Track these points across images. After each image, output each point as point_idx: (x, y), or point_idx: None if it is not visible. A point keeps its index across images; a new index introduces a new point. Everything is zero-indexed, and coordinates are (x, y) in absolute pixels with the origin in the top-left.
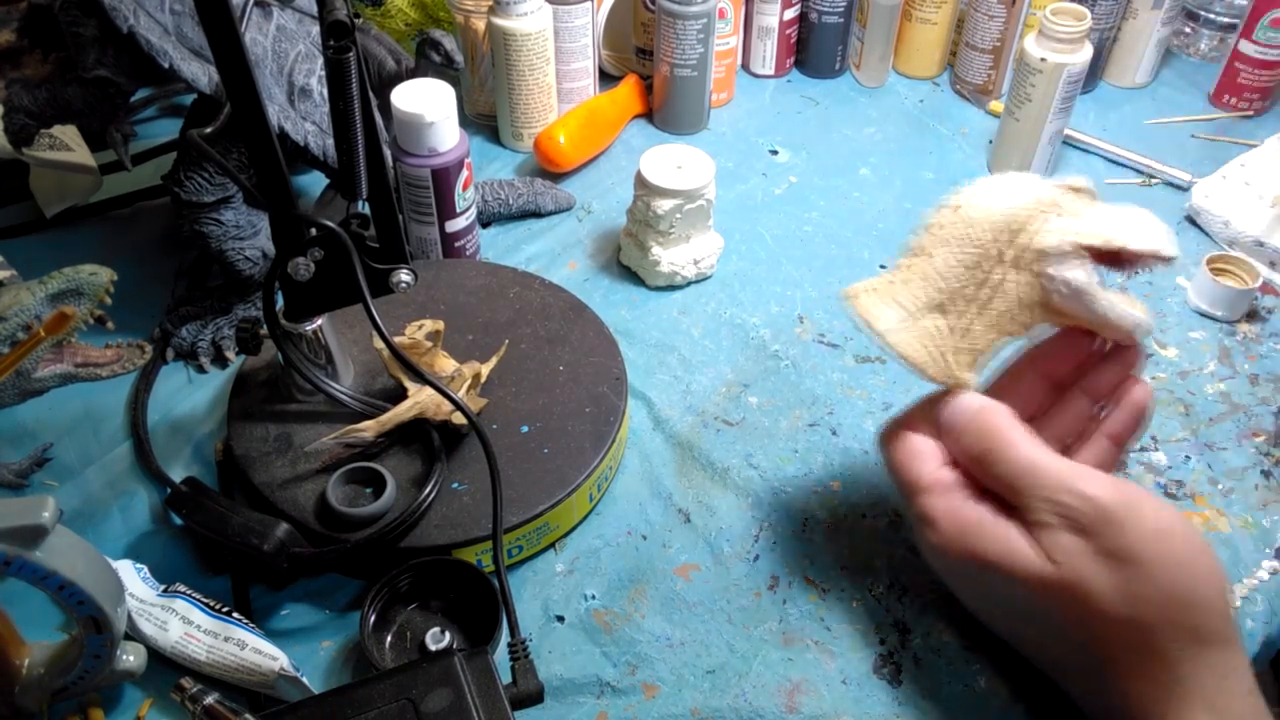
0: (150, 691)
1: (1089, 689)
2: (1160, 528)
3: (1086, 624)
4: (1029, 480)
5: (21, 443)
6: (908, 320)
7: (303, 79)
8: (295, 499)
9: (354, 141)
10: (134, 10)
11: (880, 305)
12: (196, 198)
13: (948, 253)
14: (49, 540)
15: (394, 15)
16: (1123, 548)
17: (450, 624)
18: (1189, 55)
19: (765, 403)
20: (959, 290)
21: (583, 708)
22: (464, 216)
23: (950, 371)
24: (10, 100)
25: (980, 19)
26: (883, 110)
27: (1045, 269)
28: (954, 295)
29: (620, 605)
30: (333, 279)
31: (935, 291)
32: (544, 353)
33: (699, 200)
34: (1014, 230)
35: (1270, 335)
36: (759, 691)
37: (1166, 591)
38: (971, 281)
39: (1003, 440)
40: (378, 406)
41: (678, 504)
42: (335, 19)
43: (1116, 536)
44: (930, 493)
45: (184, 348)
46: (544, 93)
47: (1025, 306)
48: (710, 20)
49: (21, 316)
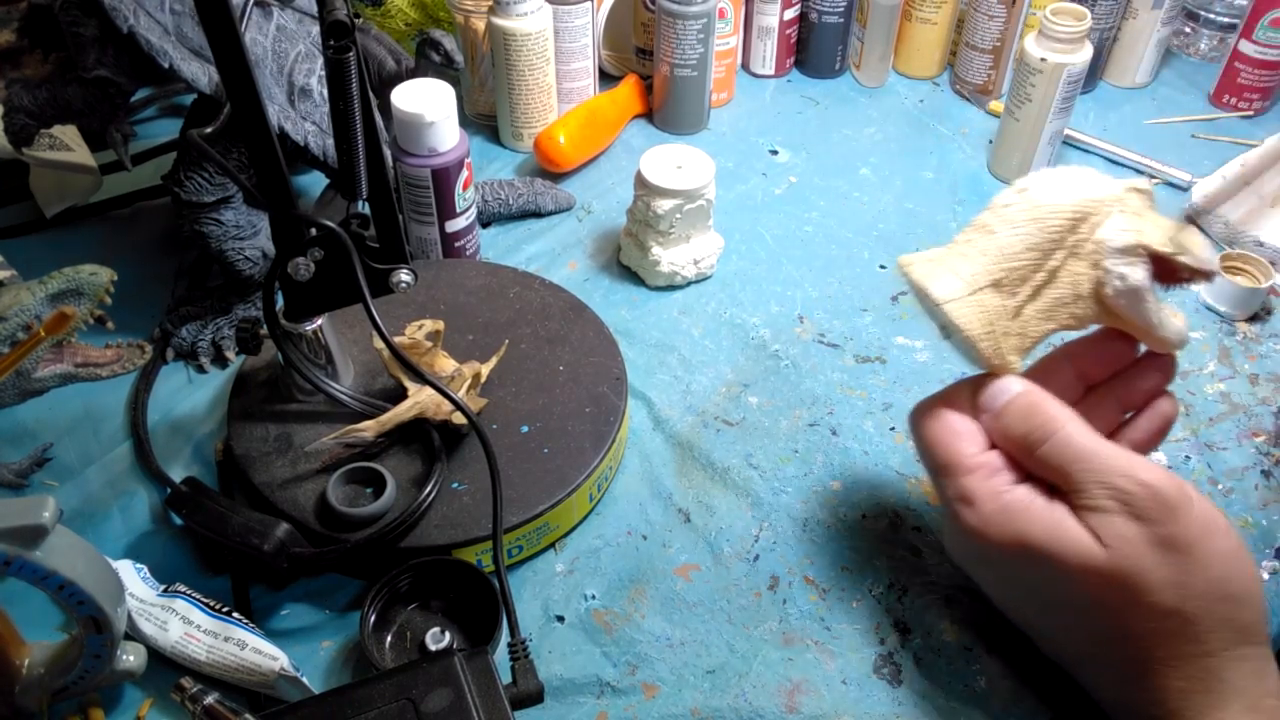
0: (150, 691)
1: (1117, 683)
2: (1208, 521)
3: (1132, 613)
4: (1083, 463)
5: (21, 443)
6: (966, 292)
7: (303, 79)
8: (295, 499)
9: (354, 141)
10: (134, 10)
11: (939, 274)
12: (196, 198)
13: (1012, 231)
14: (49, 540)
15: (394, 15)
16: (1177, 537)
17: (450, 624)
18: (1189, 55)
19: (765, 403)
20: (1018, 270)
21: (583, 708)
22: (464, 216)
23: (1000, 351)
24: (10, 100)
25: (980, 19)
26: (883, 110)
27: (1106, 261)
28: (1012, 274)
29: (620, 605)
30: (333, 279)
31: (995, 267)
32: (544, 353)
33: (699, 200)
34: (1079, 219)
35: (1270, 335)
36: (759, 691)
37: (1215, 585)
38: (1031, 264)
39: (1053, 422)
40: (378, 406)
41: (678, 504)
42: (335, 19)
43: (1172, 525)
44: (973, 473)
45: (184, 348)
46: (544, 93)
47: (1080, 297)
48: (710, 20)
49: (21, 316)
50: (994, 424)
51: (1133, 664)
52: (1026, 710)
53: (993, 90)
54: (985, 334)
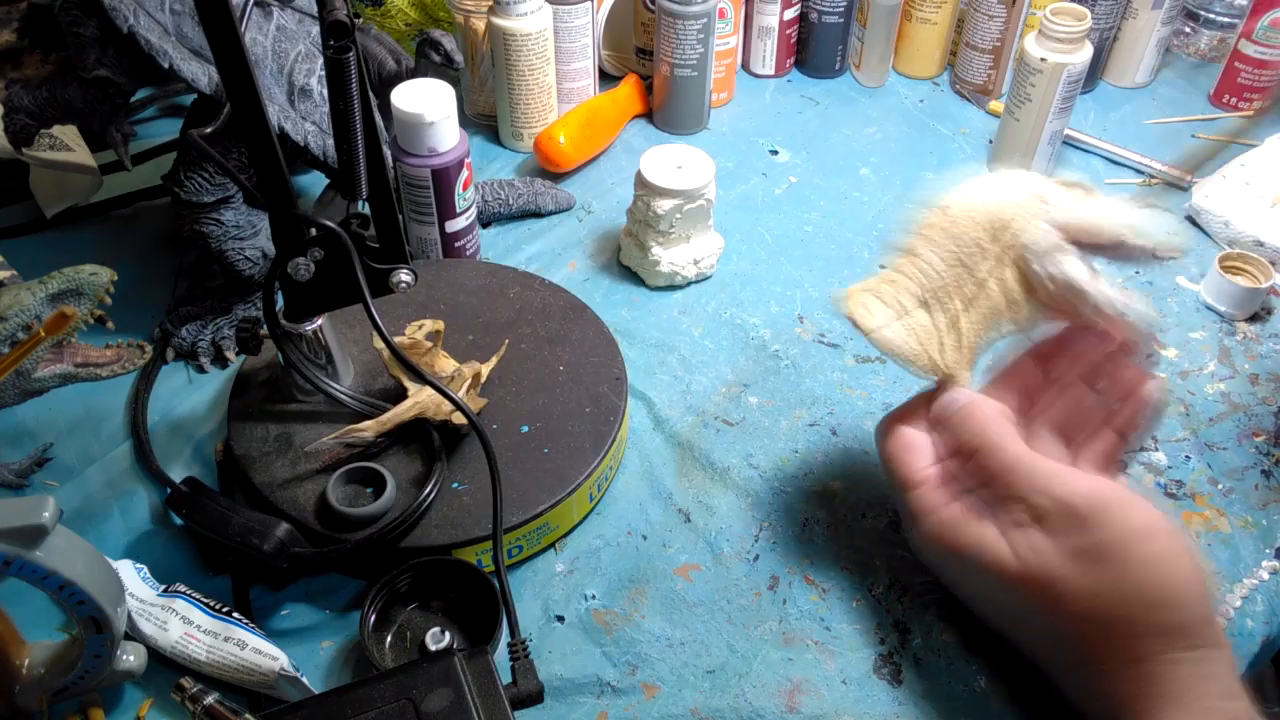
0: (150, 691)
1: (1079, 686)
2: (1138, 528)
3: (1057, 620)
4: (1009, 478)
5: (21, 443)
6: (894, 318)
7: (303, 79)
8: (295, 499)
9: (354, 141)
10: (134, 10)
11: (869, 305)
12: (196, 198)
13: (932, 251)
14: (49, 540)
15: (394, 15)
16: (1092, 547)
17: (450, 624)
18: (1189, 55)
19: (765, 403)
20: (945, 287)
21: (583, 708)
22: (464, 216)
23: (937, 365)
24: (10, 100)
25: (980, 19)
26: (883, 110)
27: (1030, 264)
28: (939, 292)
29: (620, 605)
30: (333, 279)
31: (920, 289)
32: (544, 353)
33: (699, 200)
34: (999, 226)
35: (1270, 335)
36: (759, 691)
37: (1137, 590)
38: (955, 279)
39: (988, 437)
40: (378, 406)
41: (678, 504)
42: (335, 19)
43: (1085, 536)
44: (920, 487)
45: (184, 348)
46: (544, 93)
47: (1014, 302)
48: (710, 20)
49: (21, 316)
50: (948, 439)
51: (1075, 667)
52: (1026, 710)
53: (993, 90)
54: (916, 353)
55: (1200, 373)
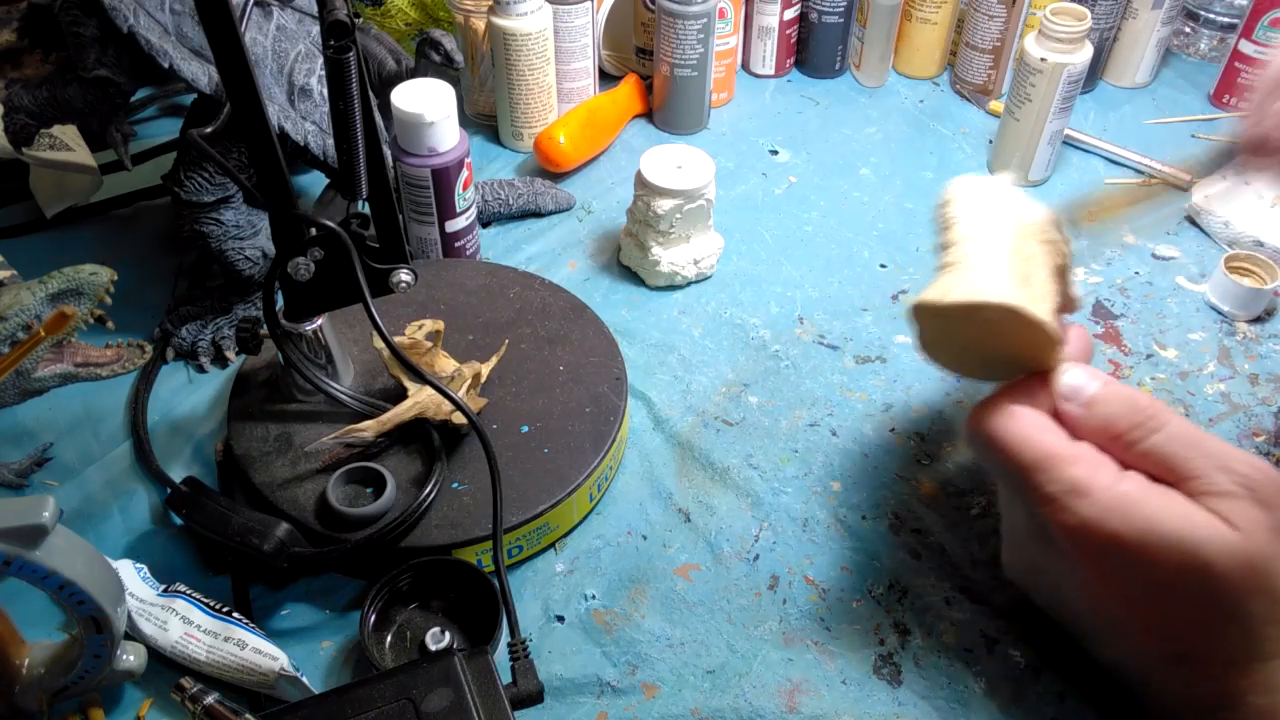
0: (150, 691)
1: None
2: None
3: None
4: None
5: (21, 443)
6: (1014, 287)
7: (303, 79)
8: (295, 499)
9: (354, 141)
10: (134, 10)
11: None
12: (196, 198)
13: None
14: (49, 540)
15: (394, 15)
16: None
17: (450, 624)
18: (1189, 55)
19: (765, 403)
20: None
21: (583, 708)
22: (464, 216)
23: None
24: (10, 100)
25: (980, 19)
26: (883, 110)
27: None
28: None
29: (620, 605)
30: (333, 279)
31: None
32: (544, 353)
33: (699, 200)
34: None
35: (1270, 336)
36: (759, 691)
37: None
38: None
39: (1164, 413)
40: (378, 406)
41: (678, 504)
42: (335, 19)
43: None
44: (1078, 464)
45: (184, 348)
46: (544, 93)
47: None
48: (710, 20)
49: (21, 316)
50: (1087, 416)
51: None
52: (1026, 710)
53: (993, 90)
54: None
55: (1200, 373)
